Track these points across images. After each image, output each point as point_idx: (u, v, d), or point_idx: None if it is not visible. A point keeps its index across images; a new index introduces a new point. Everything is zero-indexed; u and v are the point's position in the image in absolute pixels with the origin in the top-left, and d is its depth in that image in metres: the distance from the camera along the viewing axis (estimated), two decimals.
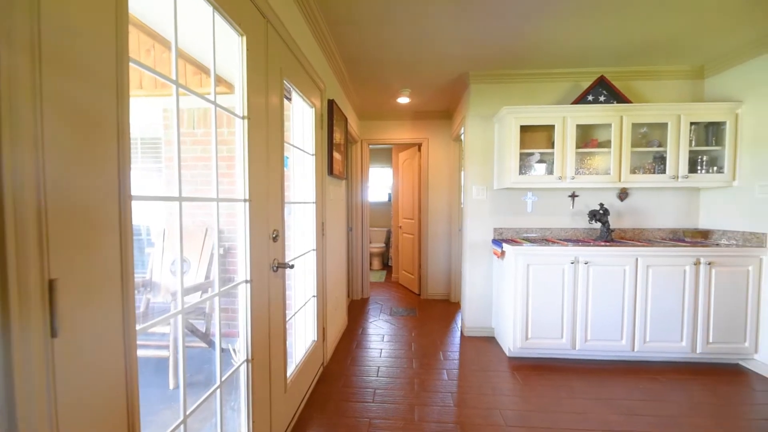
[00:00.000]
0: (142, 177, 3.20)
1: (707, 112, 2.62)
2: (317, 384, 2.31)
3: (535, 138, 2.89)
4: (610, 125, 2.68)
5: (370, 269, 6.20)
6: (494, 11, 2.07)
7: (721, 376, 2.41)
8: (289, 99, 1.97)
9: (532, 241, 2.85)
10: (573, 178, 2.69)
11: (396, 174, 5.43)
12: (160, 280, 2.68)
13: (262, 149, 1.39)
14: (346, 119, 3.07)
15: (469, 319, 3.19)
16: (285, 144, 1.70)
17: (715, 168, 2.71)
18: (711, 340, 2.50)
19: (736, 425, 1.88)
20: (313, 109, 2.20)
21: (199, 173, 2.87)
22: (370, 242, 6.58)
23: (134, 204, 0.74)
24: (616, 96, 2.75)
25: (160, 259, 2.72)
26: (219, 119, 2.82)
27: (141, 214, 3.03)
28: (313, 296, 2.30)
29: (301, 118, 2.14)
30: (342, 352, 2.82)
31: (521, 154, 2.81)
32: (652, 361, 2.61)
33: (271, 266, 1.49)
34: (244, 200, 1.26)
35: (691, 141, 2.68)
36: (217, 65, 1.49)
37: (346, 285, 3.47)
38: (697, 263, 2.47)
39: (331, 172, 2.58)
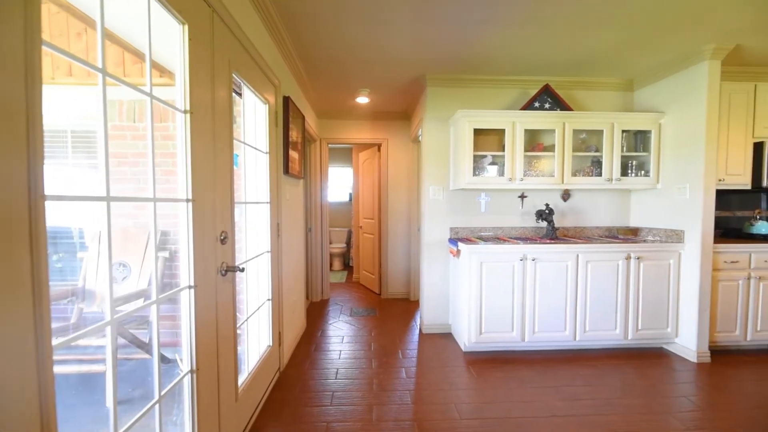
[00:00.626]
0: (74, 174, 2.90)
1: (636, 121, 2.90)
2: (273, 390, 2.23)
3: (488, 141, 3.02)
4: (554, 131, 2.87)
5: (331, 270, 6.12)
6: (447, 20, 2.13)
7: (648, 359, 2.68)
8: (240, 94, 1.89)
9: (485, 239, 2.98)
10: (522, 179, 2.85)
11: (356, 174, 5.41)
12: (94, 287, 2.44)
13: (207, 146, 1.31)
14: (303, 117, 3.00)
15: (427, 316, 3.26)
16: (235, 141, 1.62)
17: (642, 172, 3.00)
18: (640, 327, 2.77)
19: (661, 402, 2.10)
20: (267, 105, 2.13)
21: (141, 171, 2.66)
22: (331, 243, 6.50)
23: (61, 205, 0.66)
24: (559, 104, 2.95)
25: (96, 264, 2.48)
26: (165, 113, 2.63)
27: (72, 215, 2.75)
28: (268, 300, 2.22)
29: (253, 115, 2.06)
30: (300, 356, 2.75)
31: (475, 156, 2.92)
32: (591, 349, 2.83)
33: (219, 270, 1.41)
34: (187, 200, 1.18)
35: (622, 147, 2.94)
36: (159, 55, 1.38)
37: (304, 287, 3.39)
38: (628, 258, 2.73)
39: (287, 171, 2.51)
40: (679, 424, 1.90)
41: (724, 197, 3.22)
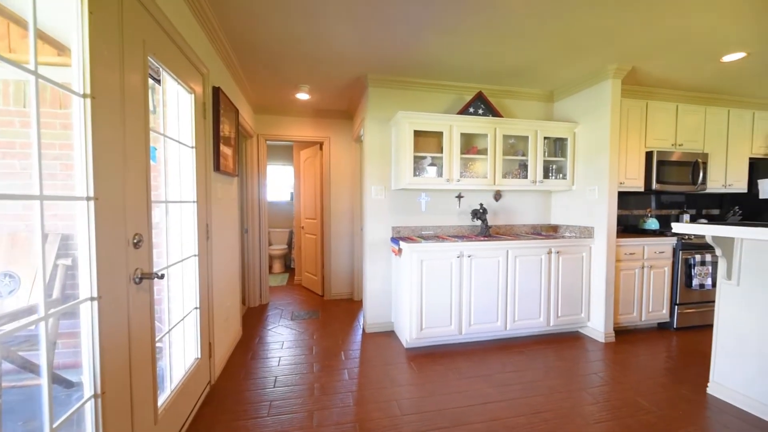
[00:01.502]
0: None
1: (555, 130, 3.22)
2: (202, 406, 2.05)
3: (427, 143, 3.12)
4: (486, 135, 3.06)
5: (271, 273, 5.85)
6: (386, 20, 2.14)
7: (566, 342, 2.98)
8: (158, 80, 1.69)
9: (426, 238, 3.07)
10: (459, 180, 2.99)
11: (297, 173, 5.23)
12: None
13: (115, 136, 1.15)
14: (236, 111, 2.81)
15: (370, 316, 3.26)
16: (153, 133, 1.45)
17: (561, 175, 3.34)
18: (559, 315, 3.08)
19: (576, 380, 2.35)
20: (193, 95, 1.94)
21: (34, 164, 2.26)
22: (271, 244, 6.21)
23: None
24: (491, 110, 3.16)
25: None
26: (66, 98, 2.27)
27: None
28: (196, 308, 2.03)
29: (176, 105, 1.87)
30: (235, 366, 2.57)
31: (415, 157, 3.00)
32: (519, 337, 3.08)
33: (132, 278, 1.25)
34: (87, 198, 1.02)
35: (545, 152, 3.25)
36: (57, 30, 1.18)
37: (240, 292, 3.18)
38: (549, 253, 3.01)
39: (218, 168, 2.32)
40: (591, 398, 2.14)
41: (624, 198, 3.72)
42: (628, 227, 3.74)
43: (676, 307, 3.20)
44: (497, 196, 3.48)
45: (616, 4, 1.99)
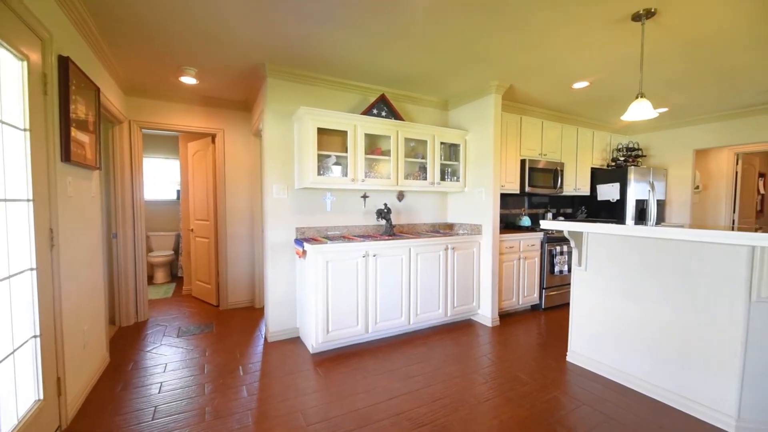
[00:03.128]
0: None
1: (450, 136, 3.51)
2: None
3: (332, 141, 3.06)
4: (389, 137, 3.16)
5: (151, 284, 5.02)
6: (281, 9, 2.01)
7: (461, 330, 3.28)
8: None
9: (332, 238, 3.01)
10: (363, 180, 3.01)
11: (185, 168, 4.60)
12: None
13: None
14: (97, 89, 2.30)
15: (273, 323, 3.05)
16: None
17: (455, 177, 3.66)
18: (455, 305, 3.37)
19: (470, 364, 2.59)
20: (25, 63, 1.50)
21: None
22: (151, 251, 5.34)
23: None
24: (393, 113, 3.27)
25: None
26: None
27: None
28: (34, 337, 1.58)
29: None
30: (98, 402, 2.10)
31: (319, 156, 2.91)
32: (422, 329, 3.26)
33: None
34: None
35: (441, 156, 3.51)
36: None
37: (106, 310, 2.62)
38: (446, 249, 3.27)
39: (68, 158, 1.86)
40: (482, 379, 2.38)
41: (505, 199, 4.28)
42: (508, 224, 4.32)
43: (544, 291, 3.82)
44: (400, 196, 3.63)
45: (498, 30, 2.25)
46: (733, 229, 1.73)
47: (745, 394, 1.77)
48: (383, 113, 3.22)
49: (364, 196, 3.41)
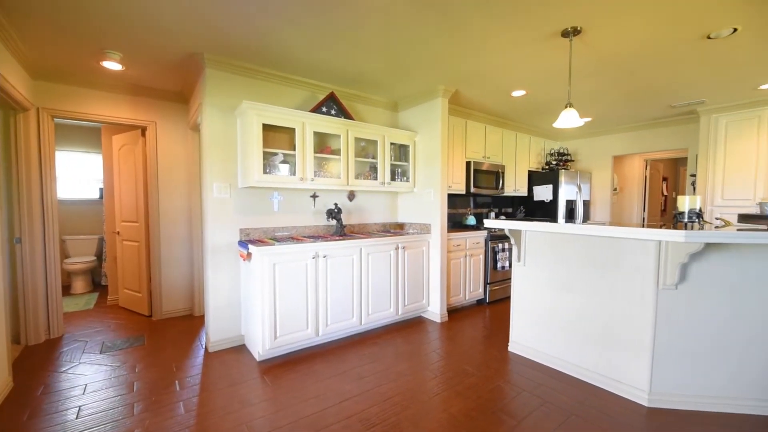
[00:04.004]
0: None
1: (399, 137, 3.56)
2: None
3: (279, 138, 2.94)
4: (339, 136, 3.12)
5: (68, 294, 4.42)
6: (223, 4, 1.89)
7: (412, 327, 3.34)
8: None
9: (280, 240, 2.88)
10: (313, 179, 2.93)
11: (109, 163, 4.12)
12: None
13: None
14: None
15: (215, 331, 2.84)
16: None
17: (405, 178, 3.73)
18: (406, 303, 3.42)
19: (420, 361, 2.64)
20: None
21: None
22: (68, 257, 4.71)
23: None
24: (343, 112, 3.23)
25: None
26: None
27: None
28: None
29: None
30: None
31: (265, 153, 2.77)
32: (374, 329, 3.26)
33: None
34: None
35: (392, 156, 3.55)
36: None
37: (6, 327, 2.25)
38: (397, 248, 3.30)
39: None
40: (431, 374, 2.45)
41: (452, 199, 4.45)
42: (455, 224, 4.50)
43: (488, 285, 4.03)
44: (351, 196, 3.60)
45: (443, 36, 2.32)
46: (643, 227, 1.97)
47: (655, 370, 2.02)
48: (333, 111, 3.17)
49: (314, 196, 3.32)
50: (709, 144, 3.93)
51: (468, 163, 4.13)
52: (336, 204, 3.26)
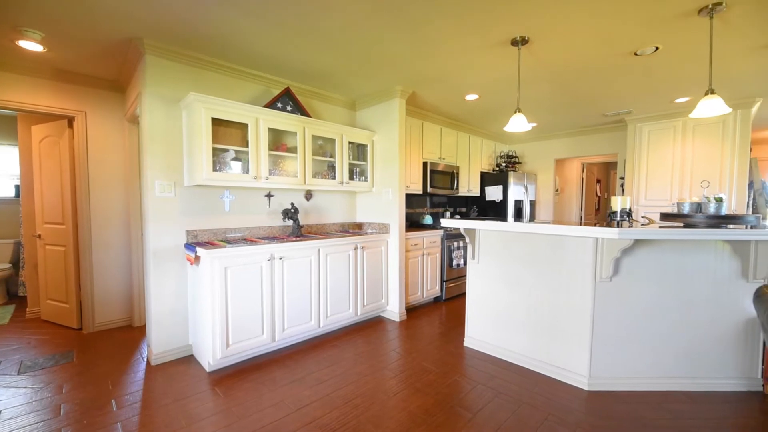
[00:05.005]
0: None
1: (357, 136, 3.54)
2: None
3: (230, 134, 2.78)
4: (296, 133, 3.02)
5: None
6: None
7: (371, 327, 3.34)
8: None
9: (232, 241, 2.73)
10: (268, 178, 2.81)
11: (28, 157, 3.62)
12: None
13: None
14: None
15: (158, 343, 2.61)
16: None
17: (363, 177, 3.71)
18: (365, 304, 3.42)
19: (380, 360, 2.65)
20: None
21: None
22: None
23: None
24: (299, 109, 3.14)
25: None
26: None
27: None
28: None
29: None
30: None
31: (215, 149, 2.61)
32: (333, 331, 3.21)
33: None
34: None
35: (350, 156, 3.52)
36: None
37: None
38: (355, 249, 3.28)
39: None
40: (391, 374, 2.46)
41: (409, 199, 4.52)
42: (412, 223, 4.57)
43: (444, 283, 4.16)
44: (308, 195, 3.51)
45: (399, 36, 2.34)
46: (581, 225, 2.15)
47: (594, 356, 2.21)
48: (288, 108, 3.06)
49: (269, 195, 3.19)
50: (635, 150, 4.39)
51: (425, 164, 4.22)
52: (292, 204, 3.15)
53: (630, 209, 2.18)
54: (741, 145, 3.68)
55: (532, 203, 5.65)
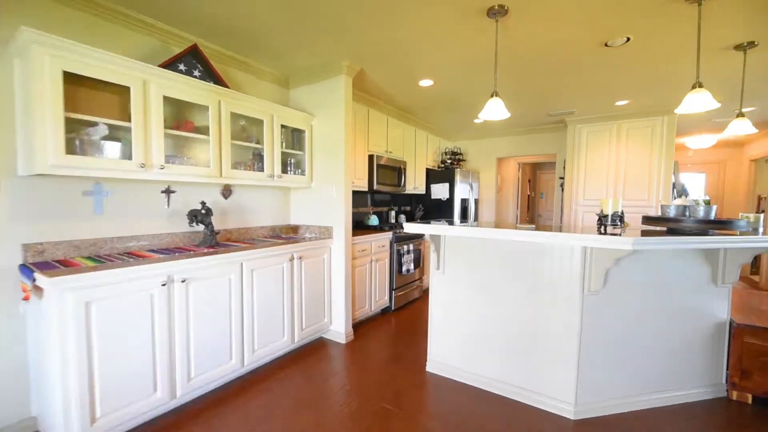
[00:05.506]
0: None
1: (292, 118, 2.85)
2: None
3: (100, 101, 1.89)
4: (207, 108, 2.23)
5: None
6: None
7: (313, 356, 2.69)
8: None
9: (106, 258, 1.86)
10: (163, 167, 1.99)
11: None
12: None
13: None
14: None
15: None
16: None
17: (300, 170, 3.04)
18: (304, 326, 2.76)
19: (322, 395, 2.05)
20: None
21: None
22: None
23: None
24: (213, 76, 2.35)
25: None
26: None
27: None
28: None
29: None
30: None
31: (72, 121, 1.72)
32: (262, 367, 2.49)
33: None
34: None
35: (282, 143, 2.81)
36: None
37: None
38: (291, 259, 2.61)
39: None
40: (338, 408, 1.91)
41: (354, 197, 3.95)
42: (356, 224, 4.01)
43: (394, 292, 3.69)
44: (226, 192, 2.72)
45: None
46: (560, 229, 1.84)
47: (580, 379, 1.93)
48: (196, 73, 2.26)
49: (168, 191, 2.34)
50: (574, 150, 4.46)
51: (371, 157, 3.69)
52: (204, 203, 2.35)
53: (622, 212, 1.94)
54: (667, 148, 3.91)
55: (476, 201, 5.52)
